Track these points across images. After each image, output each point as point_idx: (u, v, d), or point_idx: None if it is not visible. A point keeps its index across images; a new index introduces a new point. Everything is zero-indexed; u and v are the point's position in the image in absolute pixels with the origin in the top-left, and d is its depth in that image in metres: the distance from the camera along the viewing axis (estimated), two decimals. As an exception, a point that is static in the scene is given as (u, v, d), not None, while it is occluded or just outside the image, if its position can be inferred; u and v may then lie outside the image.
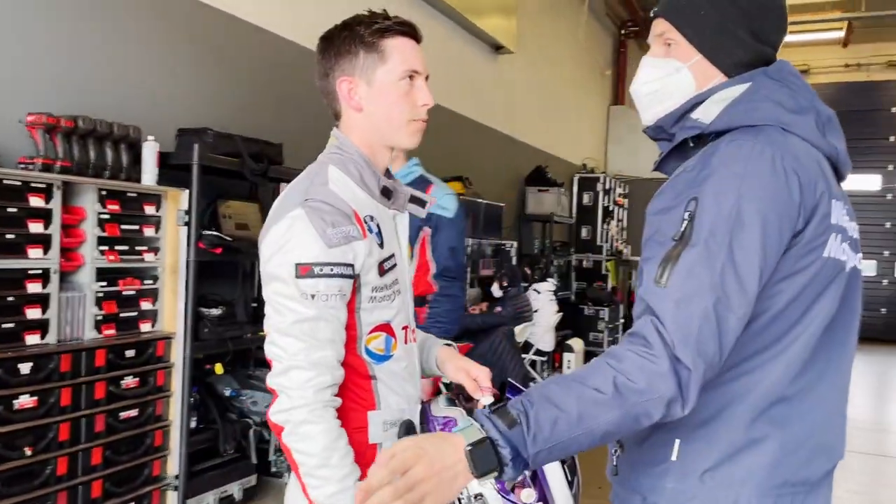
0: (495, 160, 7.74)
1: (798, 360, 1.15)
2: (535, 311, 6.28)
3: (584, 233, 9.59)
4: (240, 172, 3.66)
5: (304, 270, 1.24)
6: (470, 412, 1.41)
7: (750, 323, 1.12)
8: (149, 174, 3.24)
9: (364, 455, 1.30)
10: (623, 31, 12.06)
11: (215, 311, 3.56)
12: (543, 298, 6.63)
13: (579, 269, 9.51)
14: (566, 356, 7.55)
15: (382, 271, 1.34)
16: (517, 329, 5.68)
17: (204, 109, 4.05)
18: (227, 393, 3.71)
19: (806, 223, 1.11)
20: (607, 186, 9.86)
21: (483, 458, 0.98)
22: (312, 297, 1.24)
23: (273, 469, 4.11)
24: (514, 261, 7.22)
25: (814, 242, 1.13)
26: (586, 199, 9.69)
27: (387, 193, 1.41)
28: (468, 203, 6.49)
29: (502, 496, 1.33)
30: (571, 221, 9.34)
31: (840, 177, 1.24)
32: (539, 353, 6.69)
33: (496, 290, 5.93)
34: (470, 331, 5.40)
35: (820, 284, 1.14)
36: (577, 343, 7.75)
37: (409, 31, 1.39)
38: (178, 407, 3.32)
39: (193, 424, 3.44)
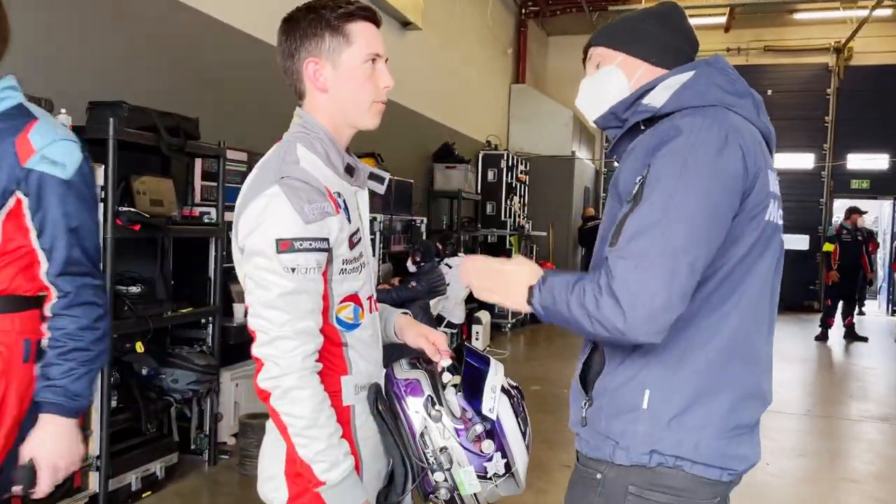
0: (404, 137, 7.81)
1: (751, 315, 1.32)
2: (447, 285, 6.43)
3: (489, 208, 9.83)
4: (155, 147, 3.58)
5: (284, 246, 1.30)
6: (432, 375, 1.51)
7: (705, 282, 1.27)
8: (62, 148, 3.11)
9: (339, 416, 1.38)
10: (524, 11, 12.32)
11: (134, 289, 3.50)
12: (454, 273, 6.78)
13: (484, 244, 9.76)
14: (475, 328, 7.78)
15: (352, 245, 1.42)
16: (431, 303, 5.81)
17: (114, 82, 3.91)
18: (145, 372, 3.65)
19: (749, 191, 1.27)
20: (510, 163, 10.12)
21: (530, 295, 1.31)
22: (293, 270, 1.30)
23: (193, 446, 4.09)
24: (424, 236, 7.35)
25: (757, 208, 1.29)
26: (491, 175, 9.92)
27: (350, 171, 1.49)
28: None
29: (465, 448, 1.45)
30: (478, 198, 9.55)
31: (771, 151, 1.42)
32: (450, 325, 6.87)
33: (410, 266, 6.04)
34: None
35: (762, 245, 1.31)
36: (484, 315, 7.99)
37: (371, 15, 1.46)
38: (99, 387, 3.25)
39: (114, 404, 3.38)
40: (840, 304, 9.72)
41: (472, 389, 1.49)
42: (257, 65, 5.05)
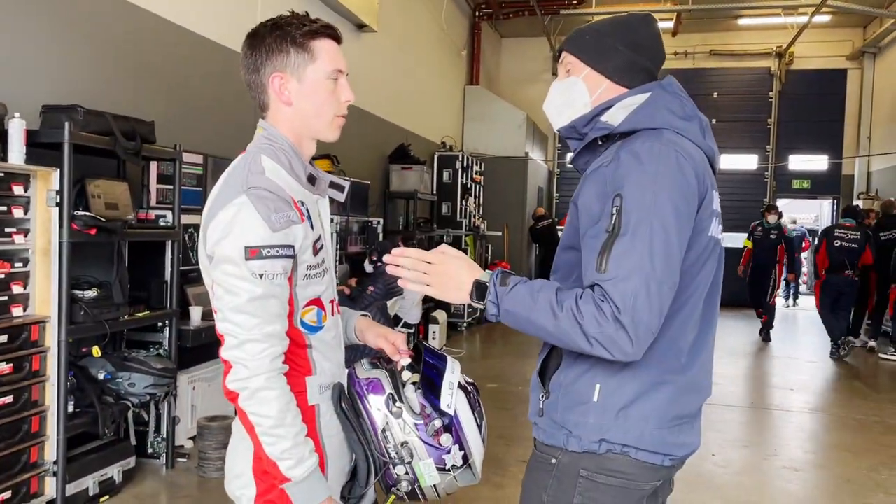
0: (360, 138, 7.84)
1: (690, 319, 1.45)
2: (405, 286, 6.49)
3: (444, 209, 9.93)
4: (111, 151, 3.57)
5: (253, 253, 1.36)
6: (392, 373, 1.59)
7: None
8: (16, 153, 3.11)
9: (304, 415, 1.45)
10: (477, 13, 12.45)
11: (90, 294, 3.48)
12: (411, 273, 6.85)
13: (441, 244, 9.84)
14: (431, 327, 7.86)
15: (315, 251, 1.48)
16: (388, 303, 5.87)
17: (67, 86, 3.88)
18: (102, 376, 3.64)
19: (698, 209, 1.41)
20: (465, 164, 10.23)
21: (479, 291, 1.41)
22: (261, 276, 1.36)
23: (151, 450, 4.08)
24: (380, 237, 7.40)
25: (702, 224, 1.42)
26: (446, 176, 10.02)
27: (311, 180, 1.55)
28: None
29: (425, 442, 1.53)
30: (433, 198, 9.63)
31: (714, 171, 1.55)
32: (407, 325, 6.94)
33: (367, 266, 6.10)
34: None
35: (704, 257, 1.45)
36: (440, 315, 8.08)
37: (334, 33, 1.53)
38: (55, 392, 3.24)
39: (71, 409, 3.37)
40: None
41: (431, 386, 1.58)
42: (214, 68, 5.05)
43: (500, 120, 11.91)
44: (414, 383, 1.58)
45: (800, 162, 14.15)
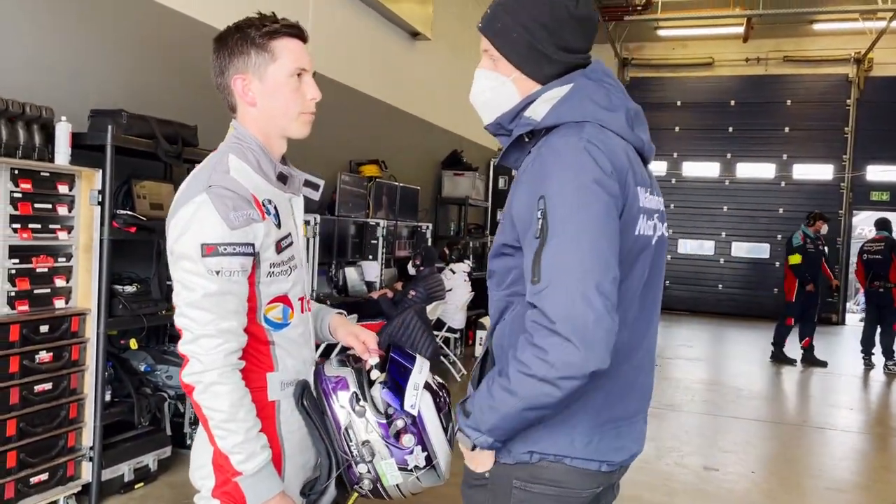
0: (412, 144, 7.94)
1: (621, 321, 1.32)
2: (449, 291, 6.53)
3: (498, 216, 9.91)
4: (154, 153, 3.75)
5: (209, 250, 1.40)
6: (359, 372, 1.62)
7: None
8: (62, 154, 3.30)
9: (263, 410, 1.50)
10: (540, 20, 12.38)
11: (129, 289, 3.66)
12: (458, 279, 6.89)
13: (493, 250, 9.85)
14: (479, 333, 7.86)
15: (280, 249, 1.52)
16: (429, 307, 5.92)
17: (116, 91, 4.09)
18: (143, 368, 3.82)
19: (622, 208, 1.33)
20: (522, 171, 10.18)
21: (465, 439, 1.42)
22: (217, 273, 1.41)
23: (188, 441, 4.24)
24: (429, 242, 7.46)
25: (626, 224, 1.35)
26: (501, 183, 10.01)
27: (282, 178, 1.59)
28: (385, 186, 6.66)
29: (386, 442, 1.55)
30: (486, 205, 9.64)
31: (645, 161, 1.48)
32: (451, 329, 6.97)
33: (411, 269, 6.17)
34: (382, 311, 5.65)
35: (633, 256, 1.38)
36: (487, 321, 8.05)
37: (296, 32, 1.56)
38: (93, 380, 3.42)
39: (108, 398, 3.54)
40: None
41: (397, 387, 1.59)
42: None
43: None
44: (382, 383, 1.61)
45: (878, 172, 13.48)
